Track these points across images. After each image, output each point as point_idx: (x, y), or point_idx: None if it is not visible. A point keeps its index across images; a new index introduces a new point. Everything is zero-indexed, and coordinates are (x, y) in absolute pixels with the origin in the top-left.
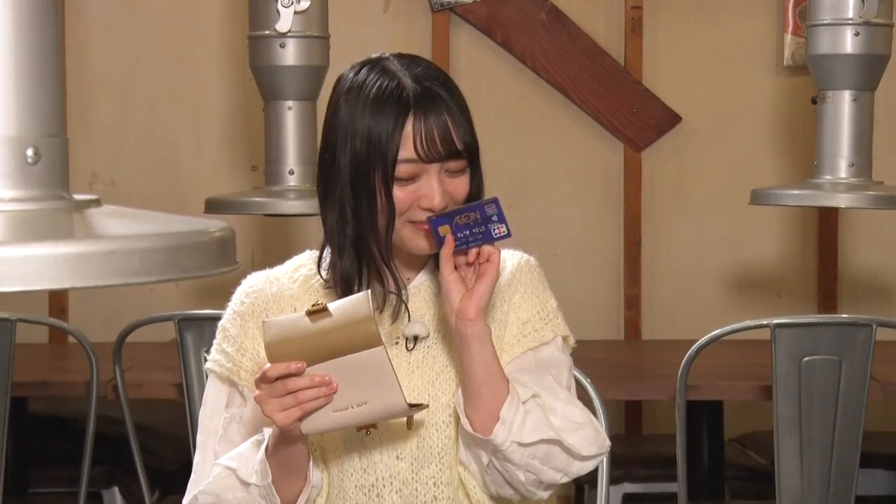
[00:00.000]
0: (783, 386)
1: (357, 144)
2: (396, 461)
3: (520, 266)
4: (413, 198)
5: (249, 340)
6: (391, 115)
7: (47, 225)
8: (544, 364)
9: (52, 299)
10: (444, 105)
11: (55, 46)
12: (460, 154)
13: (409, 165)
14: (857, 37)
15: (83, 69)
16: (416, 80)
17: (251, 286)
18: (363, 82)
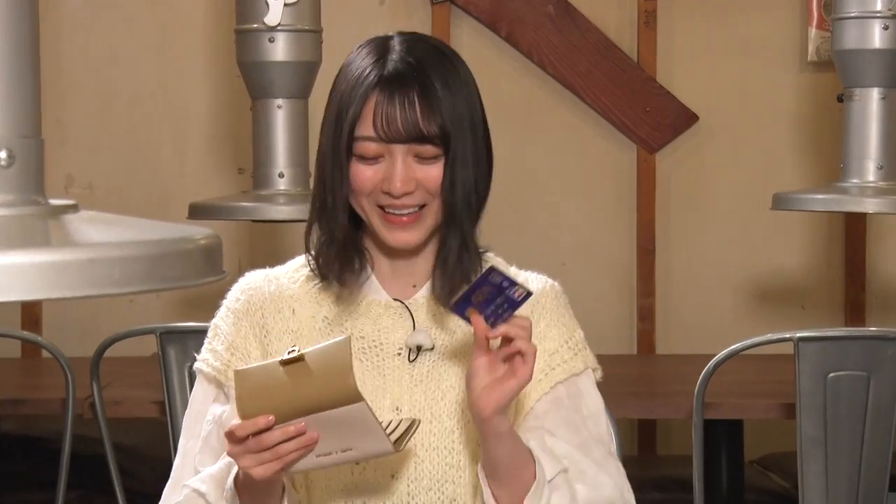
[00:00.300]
0: (807, 404)
1: (330, 117)
2: (392, 480)
3: (545, 292)
4: (375, 179)
5: (241, 339)
6: (359, 89)
7: (21, 231)
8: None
9: (25, 311)
10: (417, 85)
11: (31, 42)
12: (426, 139)
13: (371, 144)
14: (886, 31)
15: (58, 65)
16: (400, 59)
17: (248, 283)
18: (356, 56)
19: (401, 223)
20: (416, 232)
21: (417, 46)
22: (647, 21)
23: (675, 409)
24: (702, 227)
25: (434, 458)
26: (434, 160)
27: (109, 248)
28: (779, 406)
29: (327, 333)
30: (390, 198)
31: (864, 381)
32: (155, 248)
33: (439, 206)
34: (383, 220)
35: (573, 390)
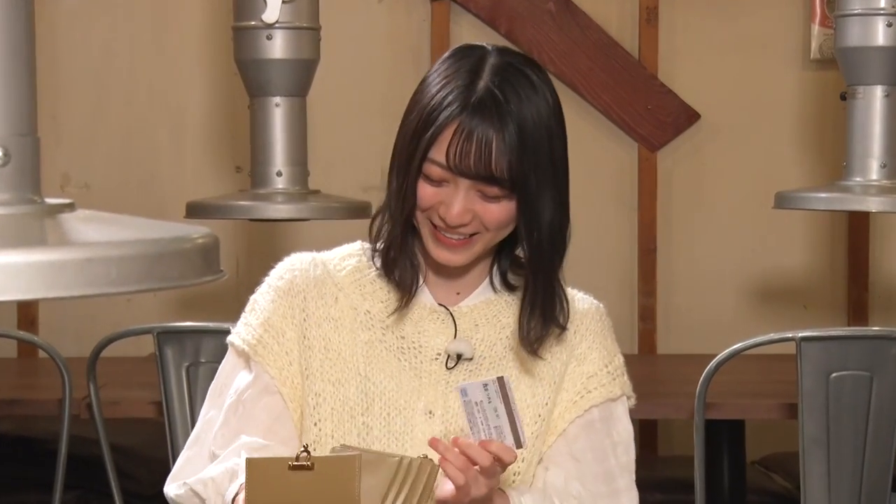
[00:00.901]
0: (809, 404)
1: (409, 127)
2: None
3: (589, 313)
4: (435, 199)
5: (278, 318)
6: (442, 114)
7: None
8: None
9: (22, 311)
10: (498, 125)
11: (27, 39)
12: (494, 180)
13: (438, 169)
14: (890, 28)
15: (54, 63)
16: (488, 89)
17: (293, 264)
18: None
19: (450, 244)
20: (463, 255)
21: (509, 73)
22: (649, 18)
23: (677, 409)
24: (703, 226)
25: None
26: (497, 200)
27: (106, 248)
28: (781, 406)
29: (368, 327)
30: (444, 222)
31: (867, 381)
32: (152, 248)
33: (491, 237)
34: (434, 236)
35: (606, 415)
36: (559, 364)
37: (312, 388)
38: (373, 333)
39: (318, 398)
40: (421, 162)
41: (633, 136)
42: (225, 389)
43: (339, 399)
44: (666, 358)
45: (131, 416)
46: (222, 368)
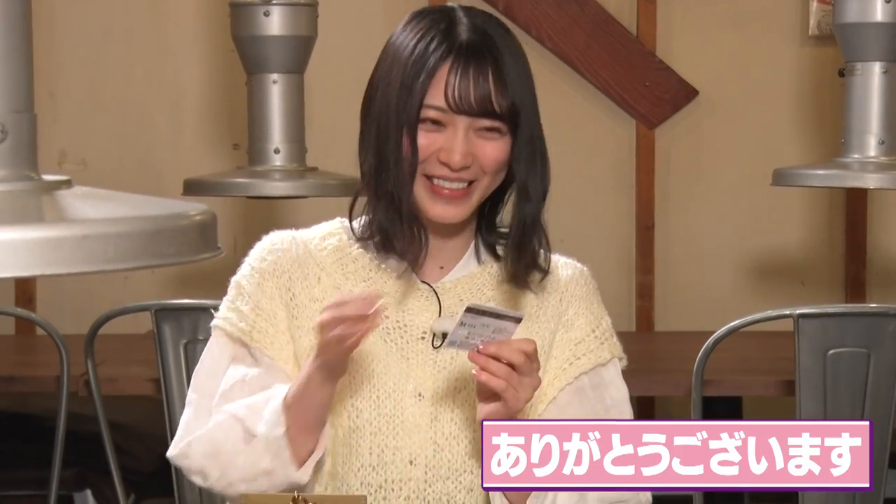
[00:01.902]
0: (807, 380)
1: (394, 83)
2: (410, 466)
3: (574, 278)
4: (433, 147)
5: (267, 301)
6: (430, 57)
7: (14, 208)
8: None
9: (19, 288)
10: (490, 60)
11: (23, 16)
12: (495, 114)
13: (437, 112)
14: (889, 4)
15: (51, 38)
16: (472, 30)
17: (274, 244)
18: (416, 25)
19: (448, 196)
20: (461, 208)
21: (484, 19)
22: None
23: (675, 386)
24: (701, 204)
25: (453, 447)
26: (496, 136)
27: (104, 225)
28: (778, 383)
29: None
30: (446, 169)
31: (865, 358)
32: (149, 225)
33: (490, 183)
34: (429, 190)
35: (596, 381)
36: (547, 333)
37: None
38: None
39: None
40: (418, 110)
41: (631, 112)
42: (213, 375)
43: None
44: (664, 335)
45: (129, 393)
46: (209, 353)
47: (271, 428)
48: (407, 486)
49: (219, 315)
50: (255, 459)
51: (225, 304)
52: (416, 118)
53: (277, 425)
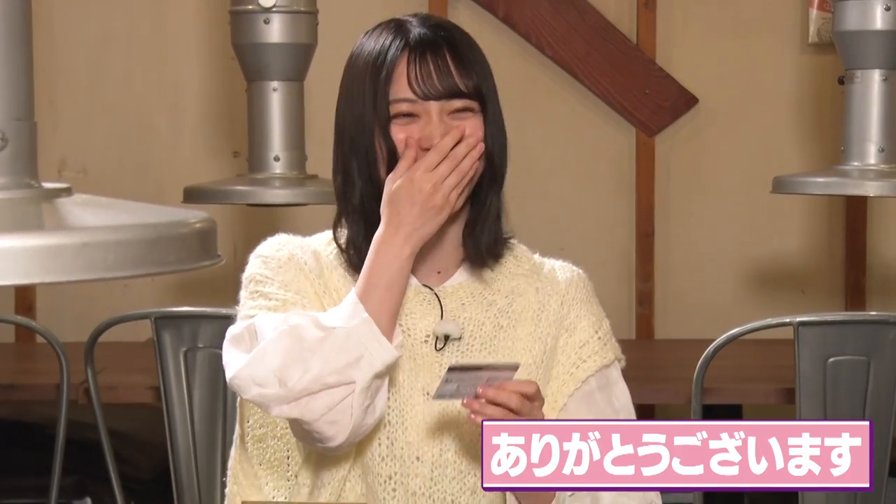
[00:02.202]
0: (807, 388)
1: (357, 96)
2: (417, 462)
3: (573, 282)
4: (413, 138)
5: (292, 279)
6: (388, 57)
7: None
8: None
9: (19, 296)
10: (446, 45)
11: (23, 22)
12: (463, 94)
13: (405, 104)
14: (888, 11)
15: (51, 46)
16: (422, 25)
17: (283, 240)
18: (369, 37)
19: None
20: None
21: (435, 20)
22: (647, 2)
23: (674, 394)
24: (701, 211)
25: (458, 449)
26: (468, 114)
27: (104, 232)
28: (778, 391)
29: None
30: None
31: (864, 366)
32: (149, 232)
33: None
34: None
35: (603, 383)
36: (549, 338)
37: None
38: None
39: None
40: (387, 107)
41: (631, 120)
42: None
43: None
44: (664, 343)
45: (129, 401)
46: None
47: (350, 317)
48: (414, 482)
49: (242, 309)
50: (341, 349)
51: (244, 298)
52: (386, 116)
53: (357, 313)
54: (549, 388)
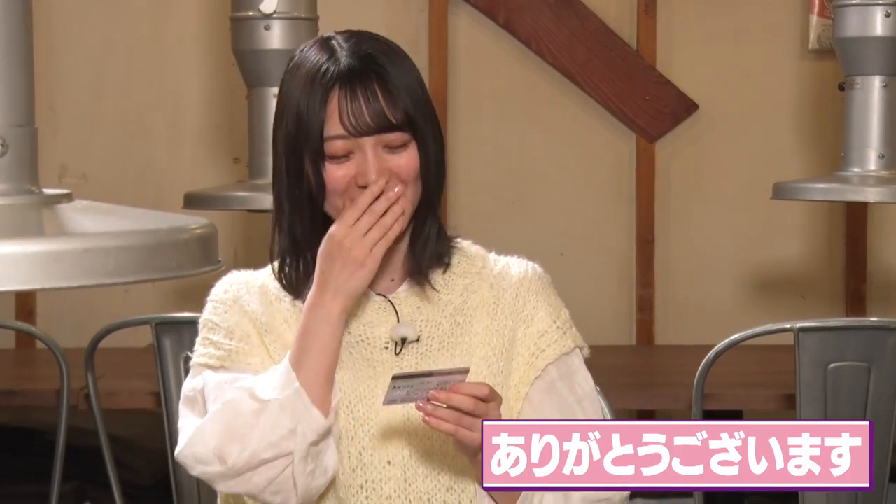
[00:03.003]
0: (807, 394)
1: (289, 125)
2: (388, 466)
3: (526, 275)
4: (348, 176)
5: (236, 325)
6: (318, 91)
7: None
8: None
9: (19, 301)
10: (375, 77)
11: (24, 28)
12: (396, 126)
13: (340, 142)
14: (888, 18)
15: (51, 52)
16: (351, 55)
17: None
18: (302, 61)
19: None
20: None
21: (362, 40)
22: (647, 9)
23: (675, 400)
24: (701, 217)
25: (428, 447)
26: (403, 148)
27: (104, 238)
28: (779, 397)
29: None
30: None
31: (865, 372)
32: (150, 238)
33: (413, 193)
34: None
35: (564, 370)
36: (507, 331)
37: None
38: None
39: None
40: (321, 145)
41: (632, 126)
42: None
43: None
44: (664, 349)
45: (129, 406)
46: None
47: (283, 387)
48: (387, 486)
49: (196, 354)
50: (274, 423)
51: (199, 343)
52: (320, 153)
53: (289, 382)
54: (511, 379)
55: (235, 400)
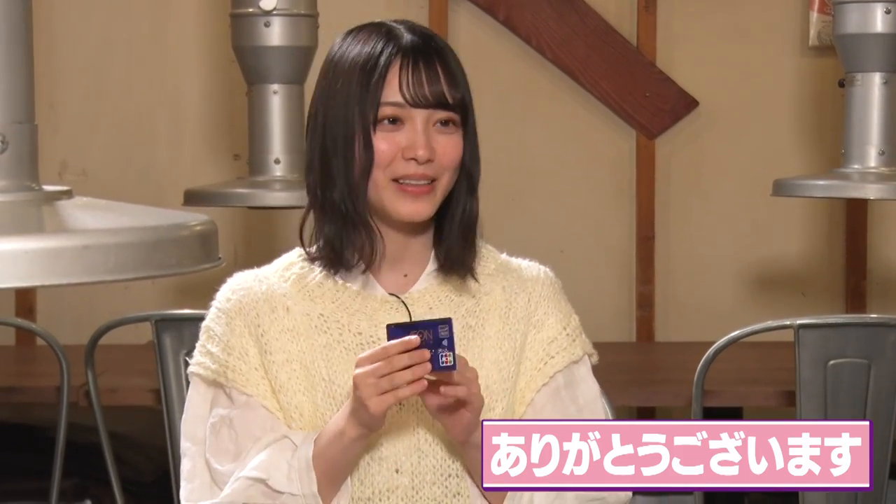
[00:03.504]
0: (807, 391)
1: (341, 97)
2: (396, 475)
3: (539, 279)
4: (396, 149)
5: (237, 339)
6: (381, 60)
7: (15, 218)
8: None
9: (20, 298)
10: (437, 56)
11: (24, 26)
12: (450, 106)
13: (394, 108)
14: (889, 15)
15: (51, 49)
16: (412, 31)
17: (238, 283)
18: (357, 34)
19: (416, 193)
20: (429, 203)
21: (421, 28)
22: (647, 5)
23: (675, 396)
24: (702, 214)
25: (437, 453)
26: (452, 130)
27: (104, 235)
28: (779, 393)
29: (324, 330)
30: (412, 164)
31: (865, 369)
32: (150, 235)
33: (448, 181)
34: (398, 191)
35: (569, 379)
36: (518, 335)
37: (291, 402)
38: (330, 336)
39: (297, 411)
40: (377, 110)
41: (632, 123)
42: (199, 422)
43: (310, 407)
44: (664, 346)
45: (129, 403)
46: (191, 401)
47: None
48: (395, 495)
49: (193, 361)
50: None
51: (197, 349)
52: (373, 119)
53: (308, 482)
54: (518, 383)
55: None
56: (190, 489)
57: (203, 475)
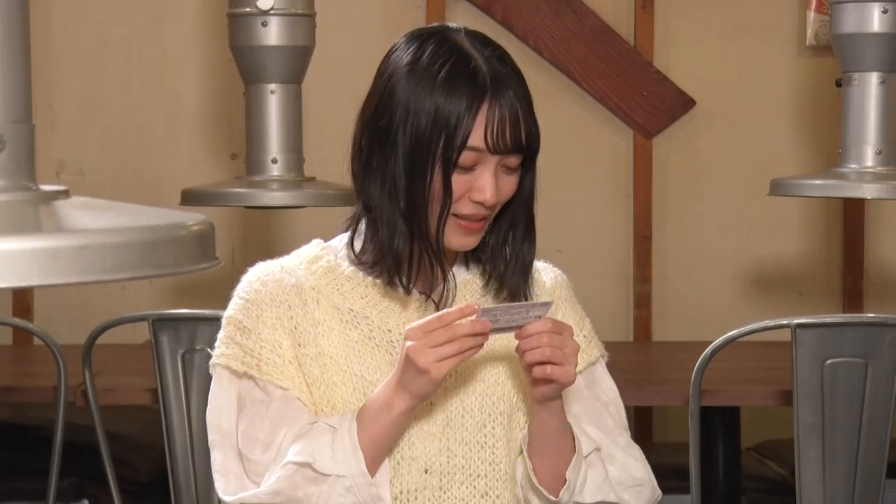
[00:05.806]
0: (804, 391)
1: (422, 121)
2: (425, 475)
3: (556, 283)
4: (465, 188)
5: (269, 331)
6: (465, 97)
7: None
8: (598, 396)
9: (17, 298)
10: (515, 93)
11: (21, 25)
12: (522, 149)
13: (474, 154)
14: (885, 14)
15: (48, 49)
16: (489, 61)
17: (265, 274)
18: (432, 55)
19: (470, 229)
20: (479, 236)
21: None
22: (644, 5)
23: (672, 396)
24: (699, 213)
25: (466, 453)
26: (515, 171)
27: (101, 235)
28: (776, 393)
29: (354, 325)
30: (478, 207)
31: (862, 368)
32: (147, 235)
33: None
34: (457, 226)
35: (590, 380)
36: None
37: (324, 396)
38: (360, 331)
39: (330, 405)
40: (458, 156)
41: (629, 122)
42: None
43: (339, 402)
44: (661, 345)
45: (127, 403)
46: (215, 394)
47: (350, 466)
48: (423, 495)
49: (217, 353)
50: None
51: (222, 341)
52: (455, 159)
53: (357, 463)
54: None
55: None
56: (225, 483)
57: (236, 467)
